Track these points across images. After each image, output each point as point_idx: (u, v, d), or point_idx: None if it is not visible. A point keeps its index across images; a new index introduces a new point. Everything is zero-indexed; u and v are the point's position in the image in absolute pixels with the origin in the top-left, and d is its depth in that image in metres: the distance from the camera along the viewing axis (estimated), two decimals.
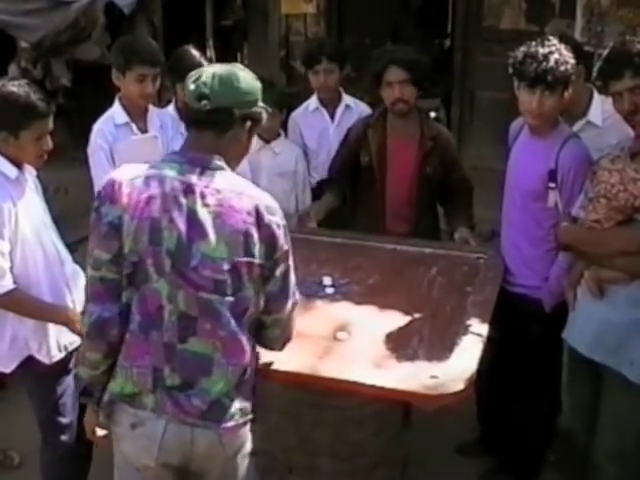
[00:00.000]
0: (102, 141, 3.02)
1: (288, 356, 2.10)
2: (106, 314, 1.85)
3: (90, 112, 3.28)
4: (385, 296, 2.62)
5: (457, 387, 2.03)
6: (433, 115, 6.00)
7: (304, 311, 2.50)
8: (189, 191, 1.82)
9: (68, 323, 2.48)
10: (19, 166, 2.49)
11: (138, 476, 1.93)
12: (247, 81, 1.89)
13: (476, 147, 5.93)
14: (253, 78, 1.92)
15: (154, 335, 1.84)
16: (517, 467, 3.06)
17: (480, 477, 3.16)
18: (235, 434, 1.90)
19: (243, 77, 1.89)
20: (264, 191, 1.94)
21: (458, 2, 6.32)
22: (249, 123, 1.91)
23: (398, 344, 2.29)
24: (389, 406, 2.38)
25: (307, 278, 2.73)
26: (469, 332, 2.31)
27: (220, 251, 1.81)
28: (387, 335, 2.35)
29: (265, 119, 1.97)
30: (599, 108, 2.85)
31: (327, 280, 2.72)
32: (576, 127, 2.84)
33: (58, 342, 2.54)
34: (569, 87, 2.60)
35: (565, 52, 2.57)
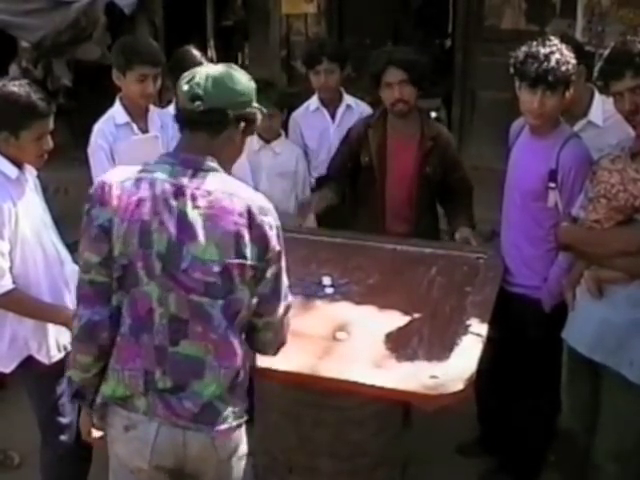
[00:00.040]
0: (102, 141, 3.02)
1: (288, 356, 2.10)
2: (96, 317, 1.84)
3: (91, 112, 3.28)
4: (385, 296, 2.62)
5: (457, 387, 2.03)
6: (434, 115, 6.00)
7: (304, 311, 2.51)
8: (180, 193, 1.80)
9: (67, 323, 2.45)
10: (19, 166, 2.49)
11: (132, 478, 1.92)
12: (241, 82, 1.87)
13: (476, 147, 5.92)
14: (247, 79, 1.90)
15: (145, 338, 1.83)
16: (517, 467, 3.06)
17: (480, 477, 3.16)
18: (228, 437, 1.88)
19: (237, 78, 1.87)
20: (258, 192, 1.92)
21: (459, 2, 6.31)
22: (243, 124, 1.89)
23: (398, 344, 2.29)
24: (389, 406, 2.37)
25: (307, 278, 2.73)
26: (469, 332, 2.31)
27: (210, 253, 1.78)
28: (387, 335, 2.35)
29: (260, 120, 1.95)
30: (600, 108, 2.85)
31: (327, 280, 2.72)
32: (577, 127, 2.84)
33: (57, 342, 2.55)
34: (570, 87, 2.60)
35: (566, 52, 2.57)
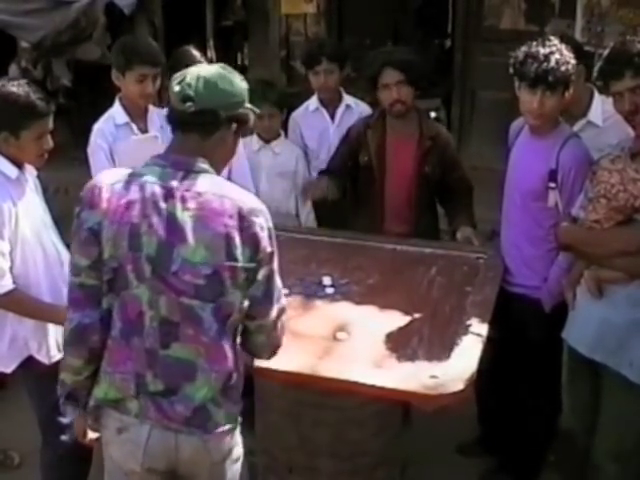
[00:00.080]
0: (102, 141, 3.02)
1: (288, 356, 2.10)
2: (86, 320, 1.84)
3: (90, 112, 3.28)
4: (385, 296, 2.62)
5: (457, 387, 2.03)
6: (433, 115, 5.99)
7: (304, 311, 2.52)
8: (169, 195, 1.79)
9: None
10: (19, 166, 2.49)
11: None
12: (233, 82, 1.86)
13: (476, 147, 5.92)
14: (239, 79, 1.89)
15: (135, 341, 1.82)
16: (517, 467, 3.06)
17: (480, 477, 3.16)
18: (221, 440, 1.88)
19: (229, 78, 1.85)
20: (253, 192, 1.92)
21: (458, 2, 6.31)
22: (235, 125, 1.88)
23: (398, 344, 2.29)
24: (389, 406, 2.38)
25: (307, 278, 2.73)
26: (469, 332, 2.31)
27: (200, 255, 1.77)
28: (387, 335, 2.35)
29: (252, 120, 1.94)
30: (599, 108, 2.85)
31: (327, 280, 2.72)
32: (576, 127, 2.84)
33: (57, 342, 2.54)
34: (570, 87, 2.60)
35: (566, 52, 2.57)
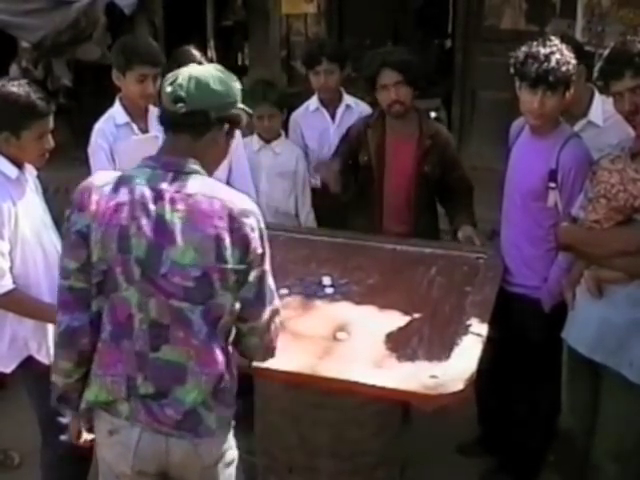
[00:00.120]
0: (103, 141, 3.02)
1: (288, 356, 2.10)
2: (75, 323, 1.85)
3: (91, 112, 3.28)
4: (385, 296, 2.62)
5: (457, 387, 2.03)
6: (434, 115, 5.99)
7: (304, 311, 2.52)
8: (159, 197, 1.78)
9: None
10: (19, 166, 2.49)
11: None
12: (225, 83, 1.84)
13: (477, 147, 5.92)
14: (232, 79, 1.88)
15: (125, 344, 1.82)
16: (517, 467, 3.06)
17: (480, 477, 3.16)
18: (212, 444, 1.87)
19: (220, 79, 1.84)
20: (241, 193, 1.88)
21: (458, 2, 6.31)
22: (227, 125, 1.87)
23: (398, 344, 2.29)
24: (389, 406, 2.38)
25: (307, 278, 2.73)
26: (469, 332, 2.31)
27: (189, 257, 1.76)
28: (387, 335, 2.35)
29: (245, 121, 1.93)
30: (600, 108, 2.85)
31: (327, 280, 2.72)
32: (577, 127, 2.84)
33: None
34: (570, 87, 2.60)
35: (566, 52, 2.57)
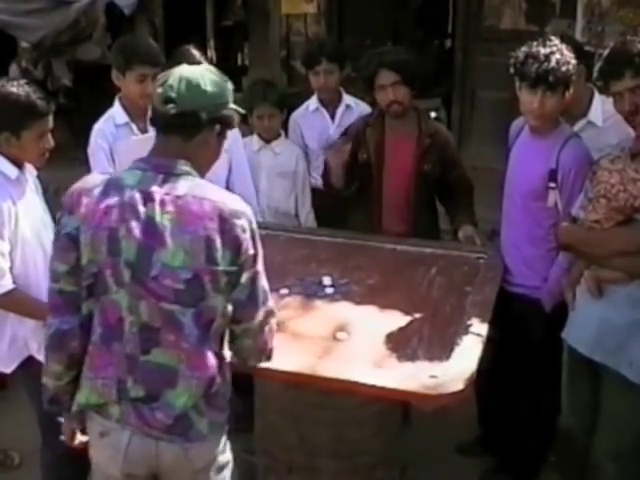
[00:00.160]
0: (102, 141, 3.02)
1: (288, 356, 2.10)
2: (64, 326, 1.84)
3: (91, 112, 3.28)
4: (385, 296, 2.62)
5: (457, 387, 2.03)
6: (434, 115, 6.00)
7: (304, 311, 2.51)
8: (149, 199, 1.77)
9: None
10: (19, 166, 2.49)
11: None
12: (216, 83, 1.83)
13: (476, 147, 5.92)
14: (223, 80, 1.87)
15: (116, 346, 1.81)
16: (517, 467, 3.06)
17: (480, 477, 3.15)
18: (203, 449, 1.86)
19: (211, 79, 1.83)
20: (233, 194, 1.87)
21: (458, 2, 6.31)
22: (219, 126, 1.86)
23: (398, 344, 2.29)
24: (389, 406, 2.38)
25: (307, 278, 2.73)
26: (469, 332, 2.30)
27: (179, 260, 1.75)
28: (387, 335, 2.35)
29: (237, 121, 1.92)
30: (599, 108, 2.85)
31: (327, 280, 2.72)
32: (576, 127, 2.84)
33: None
34: (570, 87, 2.60)
35: (566, 52, 2.57)
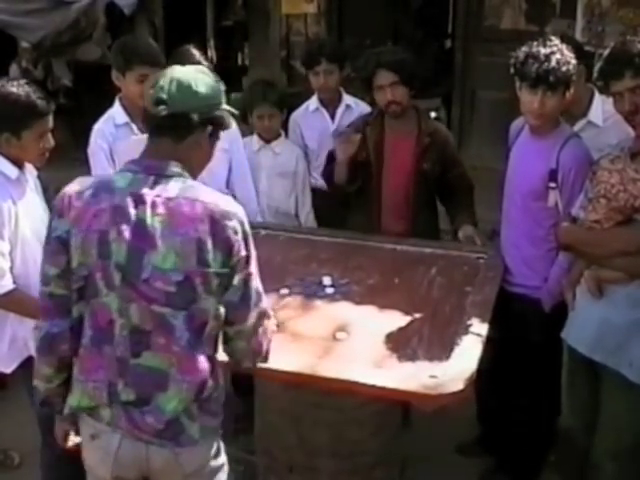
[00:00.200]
0: (102, 141, 3.02)
1: (288, 356, 2.11)
2: (54, 330, 1.84)
3: (91, 112, 3.28)
4: (385, 296, 2.62)
5: (456, 387, 2.03)
6: (434, 115, 6.00)
7: (304, 311, 2.52)
8: (140, 201, 1.75)
9: None
10: (20, 166, 2.50)
11: None
12: (207, 84, 1.82)
13: (476, 147, 5.93)
14: (214, 81, 1.86)
15: (107, 349, 1.80)
16: (517, 467, 3.06)
17: (480, 477, 3.15)
18: (194, 453, 1.85)
19: (203, 80, 1.82)
20: (226, 195, 1.86)
21: (458, 2, 6.32)
22: (210, 128, 1.85)
23: (398, 344, 2.29)
24: (388, 406, 2.38)
25: (307, 278, 2.73)
26: (469, 332, 2.31)
27: (170, 262, 1.73)
28: (387, 335, 2.35)
29: (230, 122, 1.92)
30: (600, 108, 2.85)
31: (327, 280, 2.72)
32: (577, 127, 2.84)
33: None
34: (570, 87, 2.60)
35: (567, 52, 2.57)
